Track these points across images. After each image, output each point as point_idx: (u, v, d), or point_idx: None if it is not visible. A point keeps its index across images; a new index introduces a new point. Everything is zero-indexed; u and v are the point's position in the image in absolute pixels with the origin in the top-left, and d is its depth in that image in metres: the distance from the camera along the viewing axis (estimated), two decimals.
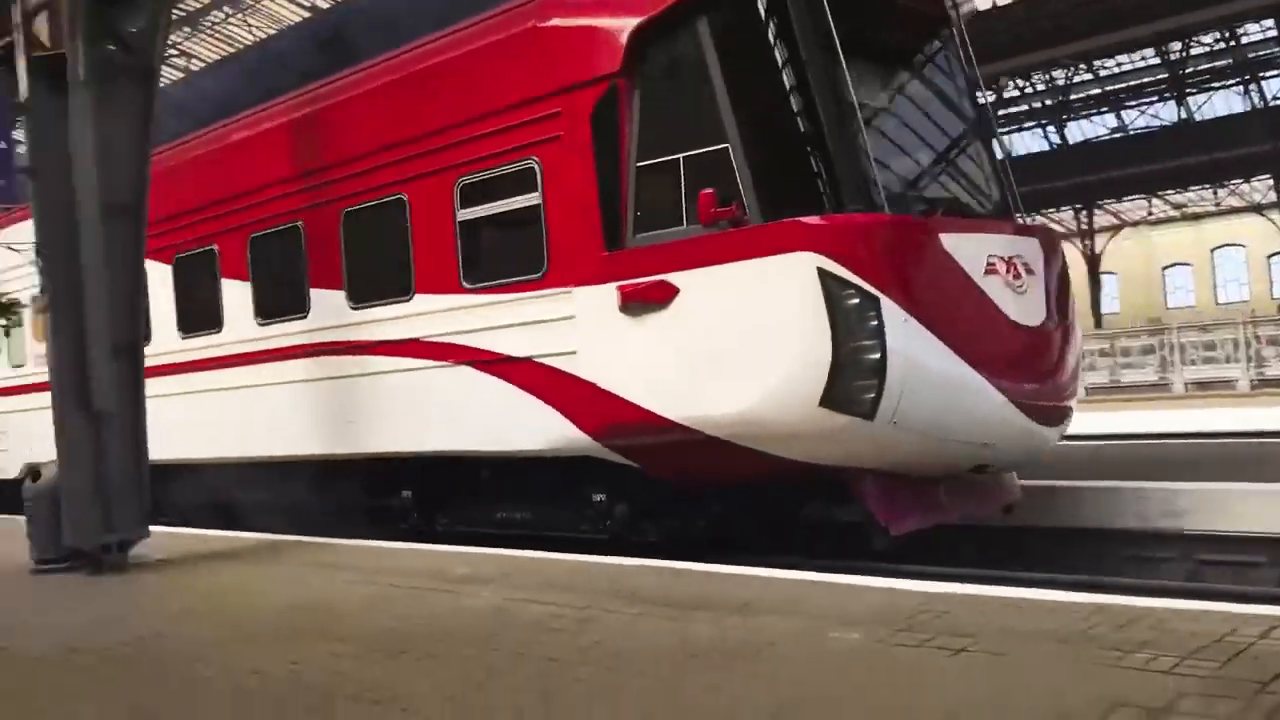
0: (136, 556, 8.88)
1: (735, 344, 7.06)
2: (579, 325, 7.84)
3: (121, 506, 8.59)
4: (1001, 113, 29.95)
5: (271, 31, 36.93)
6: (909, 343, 6.72)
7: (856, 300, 6.64)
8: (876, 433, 6.78)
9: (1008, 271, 7.44)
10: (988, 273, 7.31)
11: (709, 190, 7.02)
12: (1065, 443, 9.01)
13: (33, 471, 8.97)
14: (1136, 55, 33.58)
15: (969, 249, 7.26)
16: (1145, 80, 35.49)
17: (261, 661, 5.33)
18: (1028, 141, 38.31)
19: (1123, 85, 36.11)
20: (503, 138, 8.41)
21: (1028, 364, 7.57)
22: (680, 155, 7.41)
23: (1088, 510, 8.64)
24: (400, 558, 8.25)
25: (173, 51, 39.44)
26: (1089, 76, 34.57)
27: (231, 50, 38.95)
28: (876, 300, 6.64)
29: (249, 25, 36.63)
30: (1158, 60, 33.87)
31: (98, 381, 8.46)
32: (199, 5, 35.89)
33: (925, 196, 7.92)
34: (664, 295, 7.30)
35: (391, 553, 8.56)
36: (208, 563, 8.88)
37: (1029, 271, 7.65)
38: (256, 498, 11.08)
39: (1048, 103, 35.89)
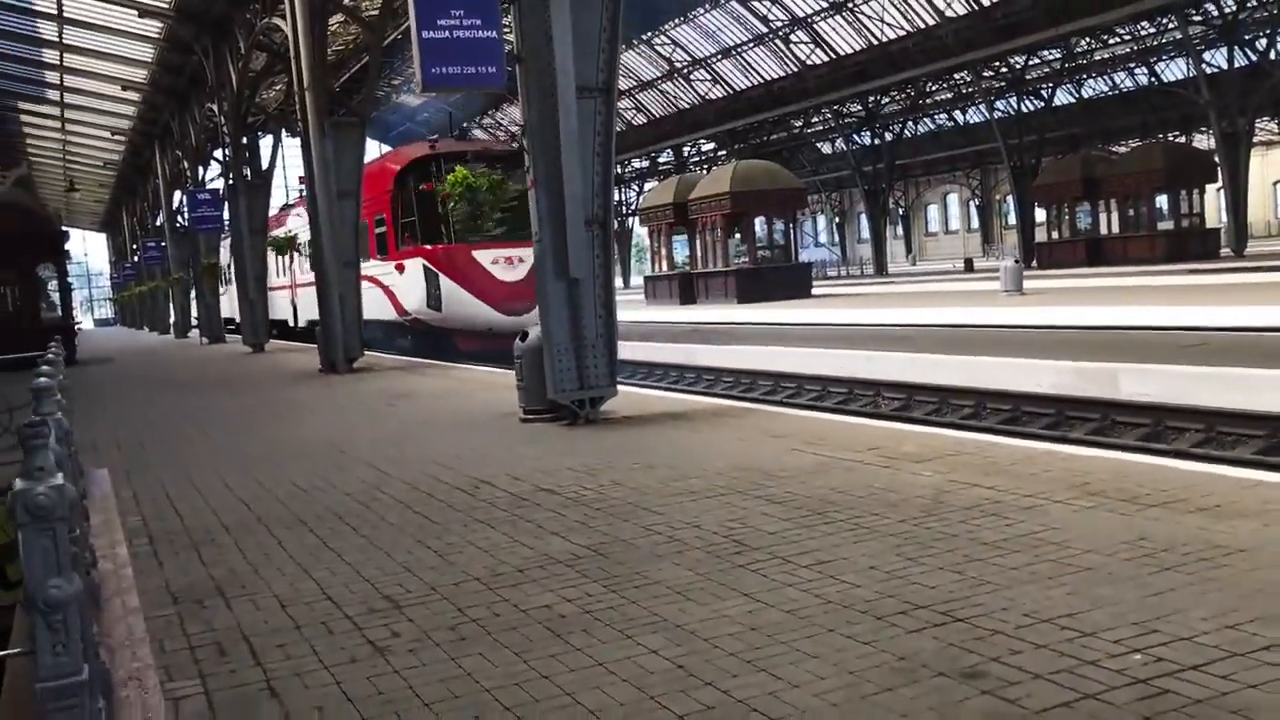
0: (606, 412, 9.73)
1: (413, 286, 19.75)
2: (392, 275, 20.63)
3: (594, 365, 9.43)
4: None
5: None
6: (450, 290, 19.06)
7: (435, 276, 19.14)
8: (443, 317, 19.44)
9: (506, 261, 18.83)
10: (493, 263, 18.85)
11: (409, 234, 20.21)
12: None
13: (523, 333, 10.05)
14: None
15: (485, 255, 18.88)
16: None
17: (703, 515, 5.66)
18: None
19: None
20: (380, 201, 20.84)
21: (508, 296, 18.58)
22: (406, 219, 20.42)
23: None
24: (845, 430, 8.31)
25: None
26: None
27: None
28: (438, 276, 19.14)
29: None
30: None
31: (574, 251, 9.24)
32: None
33: (471, 236, 19.01)
34: (401, 268, 20.37)
35: (835, 425, 8.65)
36: (664, 422, 9.52)
37: (520, 261, 18.26)
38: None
39: None
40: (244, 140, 24.79)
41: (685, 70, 54.92)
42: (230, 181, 25.17)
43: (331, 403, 13.28)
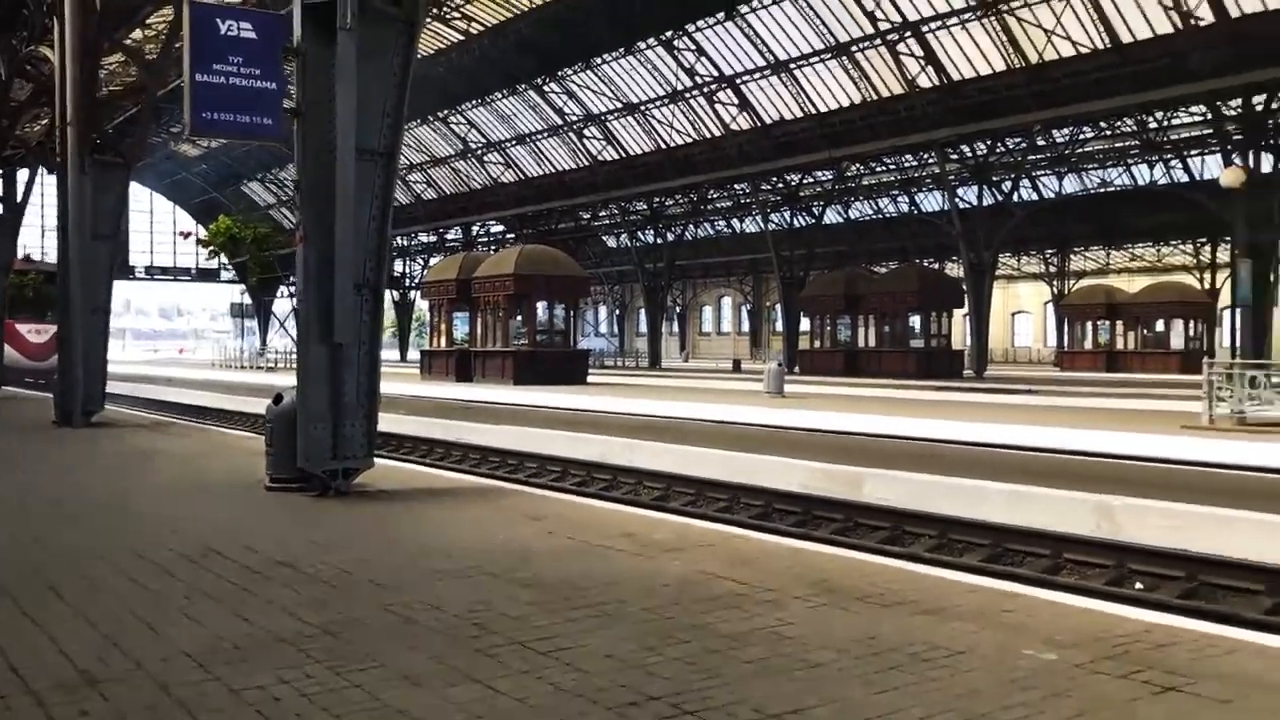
0: (360, 484, 9.36)
1: None
2: None
3: (351, 435, 9.06)
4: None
5: None
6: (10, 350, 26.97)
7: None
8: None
9: (35, 332, 30.68)
10: (29, 333, 31.24)
11: None
12: None
13: (276, 396, 9.58)
14: None
15: (25, 326, 30.48)
16: None
17: (446, 597, 5.44)
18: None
19: None
20: None
21: (34, 351, 30.18)
22: None
23: None
24: (603, 516, 8.29)
25: (455, 14, 41.43)
26: None
27: (509, 16, 40.58)
28: (1, 343, 24.86)
29: None
30: None
31: (340, 315, 8.93)
32: None
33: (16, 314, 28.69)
34: None
35: (594, 510, 8.62)
36: (422, 498, 9.24)
37: (43, 332, 29.45)
38: None
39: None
40: None
41: (479, 151, 55.20)
42: None
43: (61, 459, 12.22)
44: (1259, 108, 26.61)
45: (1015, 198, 38.07)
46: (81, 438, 14.42)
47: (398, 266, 66.48)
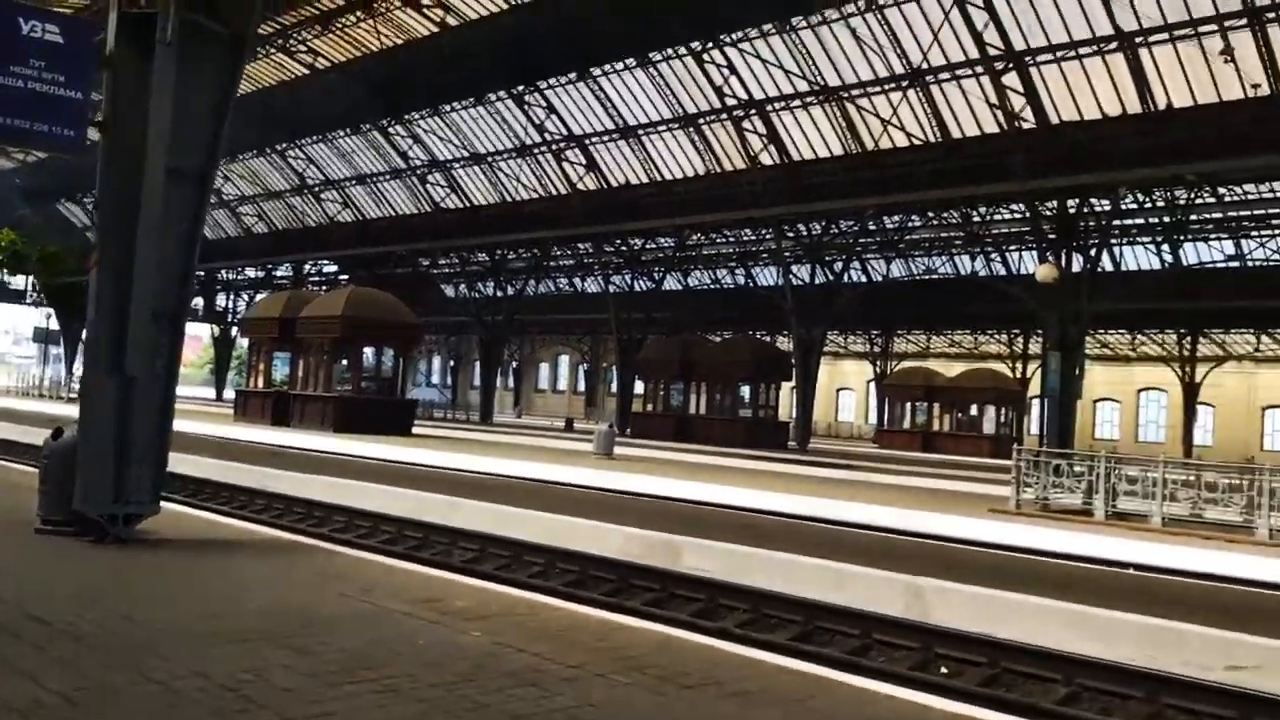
0: (144, 531, 8.60)
1: None
2: None
3: (136, 478, 8.33)
4: (1118, 223, 30.06)
5: (399, 41, 37.70)
6: None
7: None
8: None
9: None
10: None
11: None
12: None
13: (56, 429, 8.76)
14: (1265, 186, 32.74)
15: None
16: (1272, 211, 34.51)
17: (215, 664, 4.93)
18: (1141, 258, 37.77)
19: (1245, 214, 35.25)
20: None
21: None
22: None
23: None
24: (404, 578, 7.82)
25: (301, 47, 40.44)
26: (1211, 199, 33.83)
27: (357, 55, 39.86)
28: None
29: (378, 32, 37.27)
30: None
31: (134, 346, 8.24)
32: (333, 6, 36.66)
33: None
34: None
35: (396, 571, 8.15)
36: (212, 550, 8.57)
37: None
38: None
39: (1165, 220, 35.15)
40: None
41: (317, 188, 53.76)
42: None
43: None
44: (1072, 210, 28.33)
45: (845, 278, 39.36)
46: None
47: (220, 300, 63.87)
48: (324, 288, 54.24)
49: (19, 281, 59.27)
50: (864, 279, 44.31)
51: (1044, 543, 12.53)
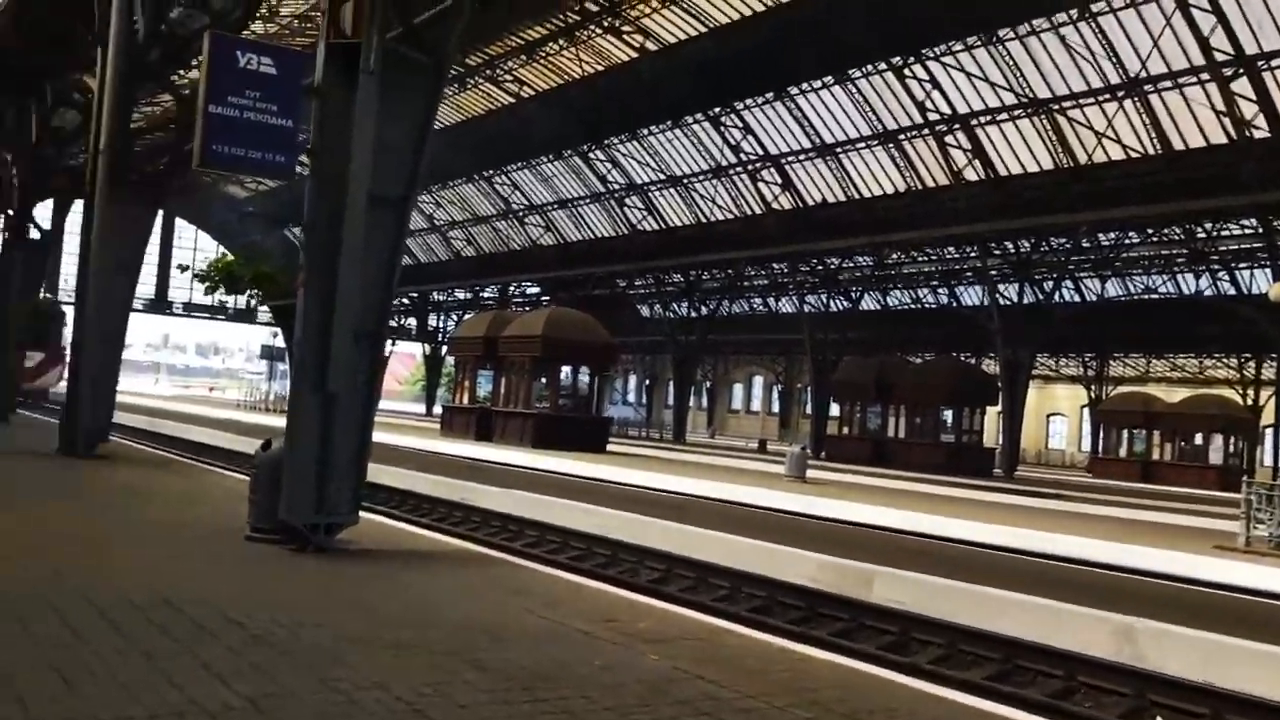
0: (343, 541, 8.94)
1: None
2: None
3: (336, 490, 8.67)
4: None
5: (599, 68, 38.52)
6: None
7: None
8: None
9: (28, 358, 30.52)
10: (23, 358, 28.53)
11: None
12: None
13: (265, 442, 9.22)
14: None
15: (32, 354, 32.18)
16: None
17: (397, 676, 4.99)
18: None
19: None
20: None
21: (27, 375, 31.16)
22: None
23: None
24: (589, 596, 7.81)
25: (507, 77, 41.88)
26: None
27: (560, 83, 40.96)
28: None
29: (580, 60, 38.16)
30: None
31: (336, 364, 8.59)
32: (537, 35, 37.79)
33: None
34: None
35: (582, 589, 8.15)
36: (404, 561, 8.80)
37: (33, 358, 32.58)
38: None
39: None
40: (33, 197, 23.08)
41: (520, 212, 55.53)
42: (7, 238, 23.33)
43: (51, 490, 11.91)
44: None
45: (1056, 298, 37.55)
46: (78, 469, 14.13)
47: (431, 320, 66.71)
48: (526, 308, 55.92)
49: (240, 301, 63.46)
50: (1077, 298, 42.15)
51: (1277, 585, 11.44)
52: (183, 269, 16.81)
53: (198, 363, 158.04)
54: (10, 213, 23.22)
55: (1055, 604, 9.20)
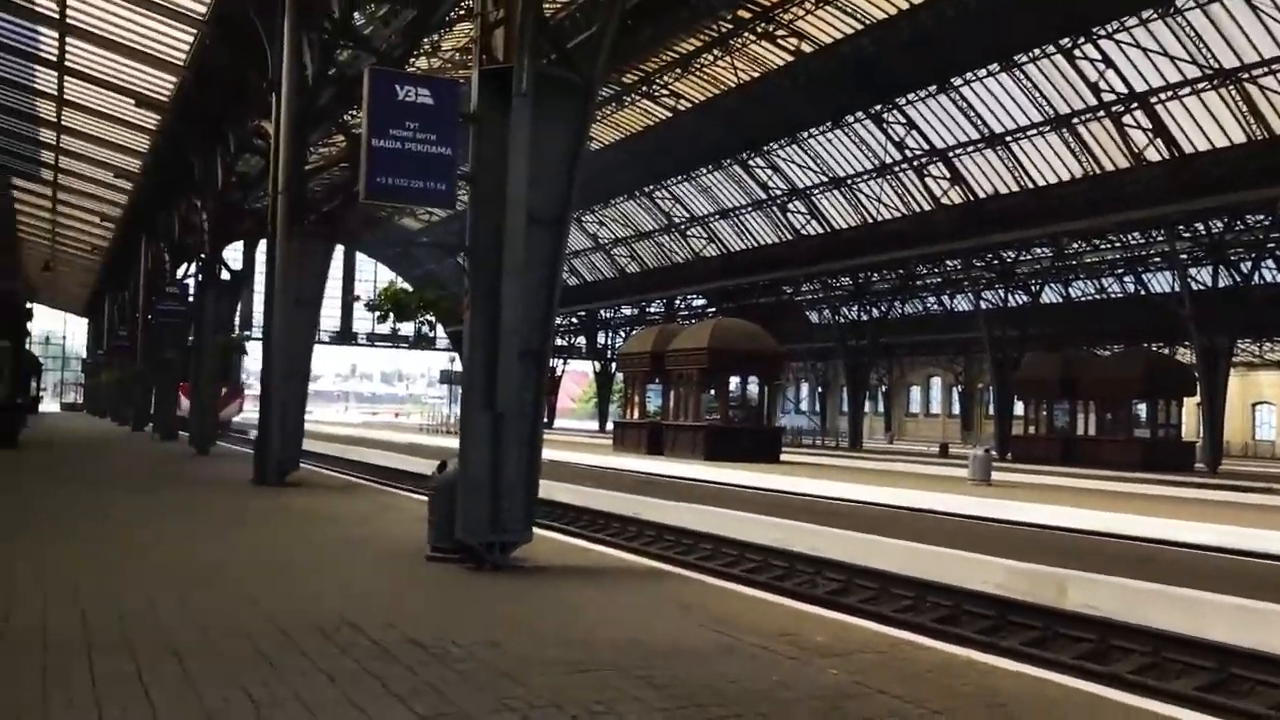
0: (518, 559, 9.04)
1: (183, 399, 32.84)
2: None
3: (508, 508, 8.78)
4: None
5: (755, 74, 38.29)
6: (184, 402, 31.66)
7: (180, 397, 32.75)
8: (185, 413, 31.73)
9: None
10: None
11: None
12: None
13: (441, 463, 9.43)
14: None
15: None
16: None
17: (571, 693, 4.96)
18: None
19: None
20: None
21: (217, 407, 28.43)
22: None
23: None
24: (763, 610, 7.64)
25: (663, 92, 42.11)
26: None
27: (716, 93, 40.91)
28: (181, 397, 31.95)
29: (735, 68, 38.01)
30: None
31: (503, 383, 8.71)
32: (691, 48, 37.83)
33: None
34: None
35: (755, 602, 7.98)
36: (576, 577, 8.83)
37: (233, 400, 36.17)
38: None
39: None
40: (222, 239, 24.54)
41: (682, 225, 55.70)
42: (200, 279, 24.87)
43: (242, 517, 12.53)
44: None
45: (1255, 279, 35.07)
46: (270, 497, 14.84)
47: (599, 338, 67.60)
48: (692, 321, 56.03)
49: (411, 328, 65.74)
50: (1278, 278, 39.27)
51: None
52: (356, 299, 17.47)
53: (383, 390, 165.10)
54: (203, 256, 24.74)
55: (1273, 607, 8.48)
